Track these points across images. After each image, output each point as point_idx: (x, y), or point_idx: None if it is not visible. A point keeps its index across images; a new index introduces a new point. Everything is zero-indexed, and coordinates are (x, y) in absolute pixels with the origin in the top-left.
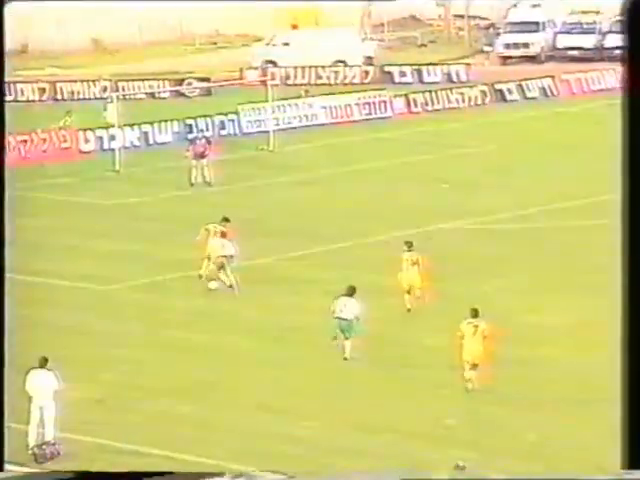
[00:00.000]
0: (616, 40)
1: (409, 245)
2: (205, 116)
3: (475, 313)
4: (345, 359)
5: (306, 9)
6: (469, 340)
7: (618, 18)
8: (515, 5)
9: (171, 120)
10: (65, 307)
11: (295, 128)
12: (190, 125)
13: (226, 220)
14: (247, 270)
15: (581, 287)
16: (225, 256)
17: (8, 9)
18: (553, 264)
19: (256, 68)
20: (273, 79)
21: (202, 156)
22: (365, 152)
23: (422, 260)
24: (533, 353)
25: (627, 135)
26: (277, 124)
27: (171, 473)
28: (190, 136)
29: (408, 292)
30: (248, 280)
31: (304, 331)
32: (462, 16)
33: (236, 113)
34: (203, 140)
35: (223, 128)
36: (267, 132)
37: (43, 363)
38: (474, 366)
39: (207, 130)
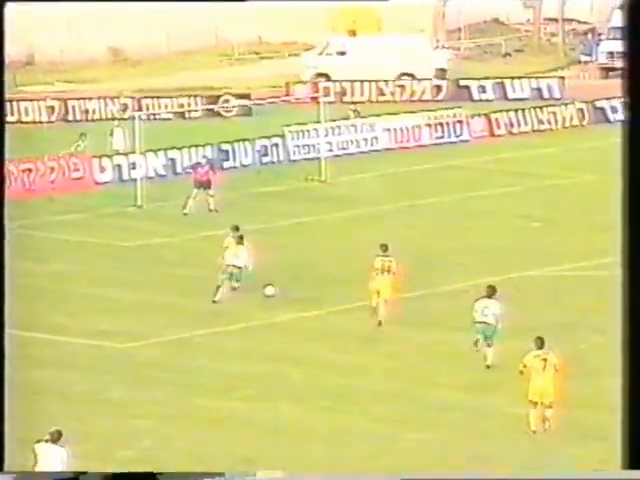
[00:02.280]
0: None
1: (384, 249)
2: (244, 140)
3: (541, 343)
4: (488, 367)
5: (366, 11)
6: (538, 376)
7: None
8: (621, 6)
9: (203, 145)
10: (78, 369)
11: (352, 154)
12: (226, 151)
13: (236, 229)
14: (294, 324)
15: None
16: (236, 266)
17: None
18: None
19: (306, 82)
20: (326, 95)
21: (206, 185)
22: (436, 183)
23: (397, 267)
24: None
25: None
26: (330, 149)
27: (172, 473)
28: (191, 162)
29: (377, 301)
30: (294, 336)
31: (359, 397)
32: (555, 19)
33: (281, 136)
34: (206, 167)
35: (266, 154)
36: (318, 159)
37: (55, 437)
38: (543, 406)
39: (246, 157)
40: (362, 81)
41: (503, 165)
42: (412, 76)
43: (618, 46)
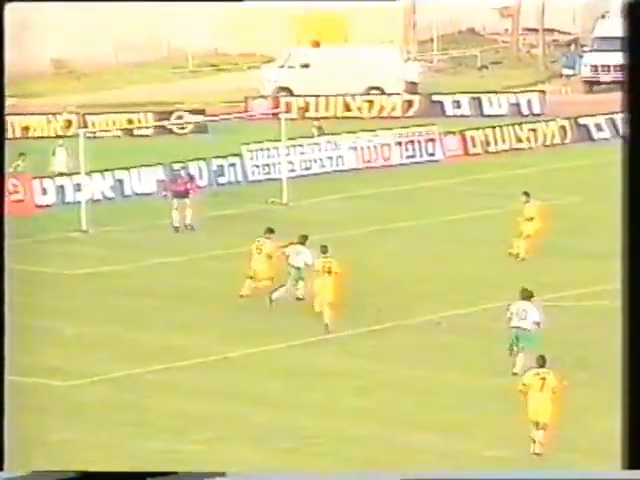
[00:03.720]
0: None
1: (324, 250)
2: (199, 159)
3: (542, 362)
4: (514, 374)
5: (332, 20)
6: (536, 396)
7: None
8: (604, 15)
9: (155, 165)
10: (14, 410)
11: (316, 174)
12: (178, 171)
13: (270, 231)
14: (251, 359)
15: None
16: (294, 266)
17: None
18: None
19: (266, 97)
20: (288, 111)
21: (183, 195)
22: (407, 206)
23: (338, 269)
24: None
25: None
26: (292, 169)
27: (174, 473)
28: (168, 174)
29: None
30: (250, 372)
31: (324, 438)
32: (535, 30)
33: (239, 155)
34: (185, 177)
35: (222, 175)
36: (279, 180)
37: None
38: (542, 426)
39: (201, 177)
40: (327, 96)
41: (479, 187)
42: (381, 90)
43: (603, 58)
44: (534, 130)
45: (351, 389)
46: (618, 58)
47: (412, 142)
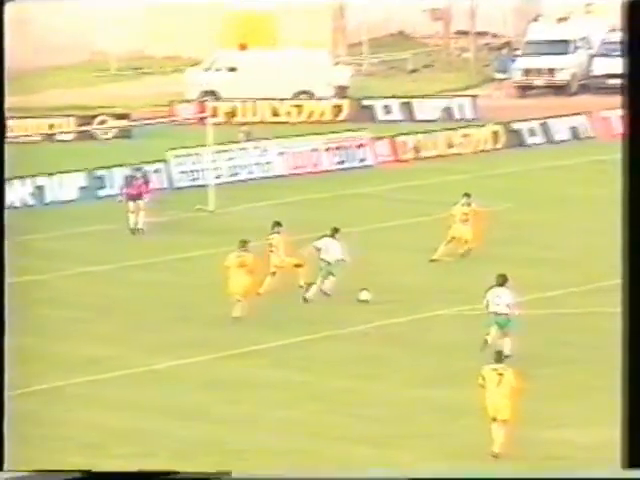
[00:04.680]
0: None
1: (242, 244)
2: (123, 165)
3: (499, 357)
4: (507, 356)
5: (259, 23)
6: (493, 391)
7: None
8: (537, 19)
9: (76, 171)
10: None
11: (243, 181)
12: (101, 177)
13: (278, 224)
14: (179, 371)
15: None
16: (325, 260)
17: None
18: (588, 363)
19: (191, 101)
20: (214, 116)
21: (136, 197)
22: (337, 213)
23: (254, 264)
24: None
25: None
26: (219, 176)
27: (175, 473)
28: (123, 176)
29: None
30: (179, 385)
31: (248, 452)
32: (466, 32)
33: (164, 161)
34: (140, 180)
35: (147, 181)
36: (206, 187)
37: None
38: (501, 423)
39: (126, 187)
40: (254, 100)
41: (410, 193)
42: (310, 95)
43: (535, 62)
44: (466, 135)
45: (279, 401)
46: (550, 62)
47: (342, 148)
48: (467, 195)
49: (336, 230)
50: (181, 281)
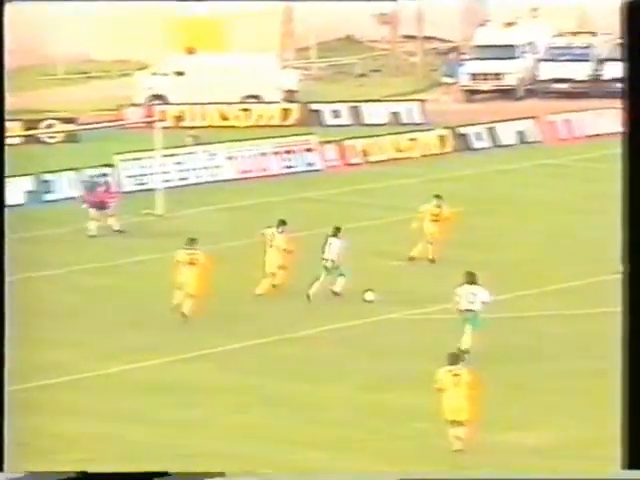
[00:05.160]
0: (617, 69)
1: (190, 242)
2: (69, 169)
3: (455, 359)
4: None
5: (208, 26)
6: (451, 393)
7: (619, 41)
8: (484, 23)
9: (22, 175)
10: None
11: (192, 185)
12: (47, 182)
13: (283, 223)
14: (129, 376)
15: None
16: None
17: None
18: (539, 367)
19: (139, 105)
20: (162, 120)
21: (99, 206)
22: (287, 217)
23: (204, 260)
24: None
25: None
26: (167, 180)
27: (169, 474)
28: (84, 182)
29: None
30: (128, 390)
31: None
32: (414, 37)
33: (112, 166)
34: (103, 187)
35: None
36: (153, 191)
37: None
38: (460, 424)
39: (71, 188)
40: (203, 104)
41: (359, 197)
42: (258, 99)
43: (482, 67)
44: (414, 139)
45: (231, 405)
46: (497, 66)
47: (291, 152)
48: (438, 197)
49: (338, 229)
50: (131, 285)
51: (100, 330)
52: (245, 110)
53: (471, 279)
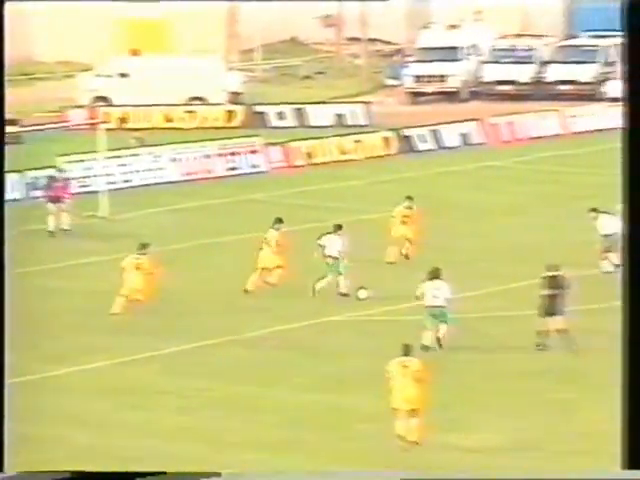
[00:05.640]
0: (560, 72)
1: (141, 247)
2: (12, 171)
3: (407, 350)
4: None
5: (152, 29)
6: (399, 382)
7: (562, 43)
8: (428, 25)
9: None
10: None
11: (135, 187)
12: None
13: (280, 221)
14: (75, 378)
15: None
16: (332, 257)
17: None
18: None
19: (83, 107)
20: (106, 122)
21: (55, 200)
22: (232, 219)
23: (149, 264)
24: None
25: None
26: (111, 182)
27: (165, 473)
28: (44, 178)
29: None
30: (74, 391)
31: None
32: (358, 39)
33: (55, 167)
34: (61, 182)
35: (36, 188)
36: (97, 193)
37: None
38: (412, 413)
39: (13, 190)
40: (147, 106)
41: (304, 199)
42: (203, 101)
43: (426, 69)
44: (358, 141)
45: (176, 407)
46: (441, 68)
47: (235, 154)
48: (409, 198)
49: (339, 227)
50: (77, 287)
51: (47, 333)
52: (190, 112)
53: (434, 274)
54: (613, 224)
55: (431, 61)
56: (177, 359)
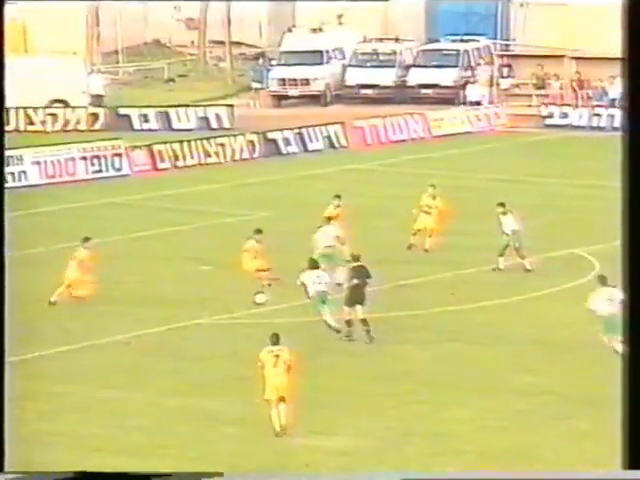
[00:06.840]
0: (422, 76)
1: (85, 240)
2: None
3: (276, 339)
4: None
5: (11, 28)
6: (270, 372)
7: (423, 47)
8: (291, 29)
9: None
10: None
11: None
12: None
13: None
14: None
15: None
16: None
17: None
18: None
19: None
20: None
21: None
22: (93, 223)
23: (88, 258)
24: None
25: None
26: None
27: (169, 475)
28: None
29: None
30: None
31: None
32: (222, 42)
33: None
34: None
35: None
36: None
37: None
38: (282, 399)
39: None
40: (7, 108)
41: (168, 202)
42: (65, 103)
43: (290, 72)
44: (222, 145)
45: (37, 412)
46: (304, 72)
47: (98, 157)
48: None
49: (329, 218)
50: None
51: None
52: (52, 115)
53: (313, 265)
54: (513, 222)
55: (295, 64)
56: (37, 364)
